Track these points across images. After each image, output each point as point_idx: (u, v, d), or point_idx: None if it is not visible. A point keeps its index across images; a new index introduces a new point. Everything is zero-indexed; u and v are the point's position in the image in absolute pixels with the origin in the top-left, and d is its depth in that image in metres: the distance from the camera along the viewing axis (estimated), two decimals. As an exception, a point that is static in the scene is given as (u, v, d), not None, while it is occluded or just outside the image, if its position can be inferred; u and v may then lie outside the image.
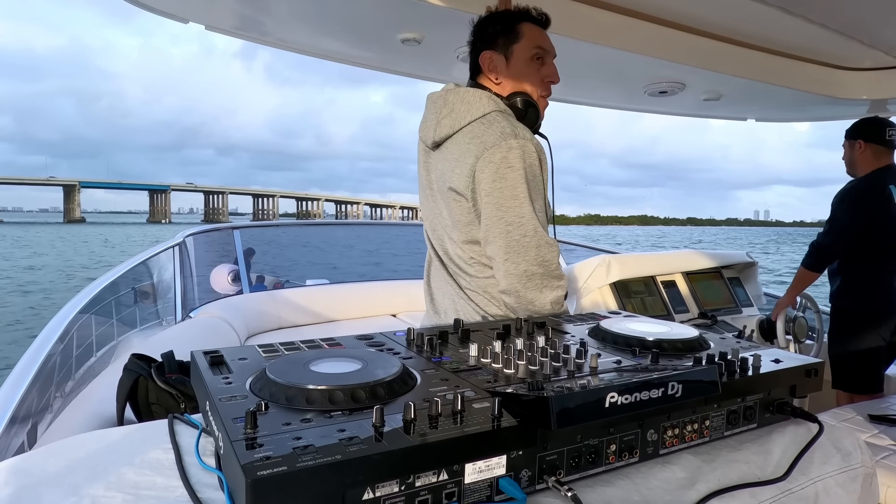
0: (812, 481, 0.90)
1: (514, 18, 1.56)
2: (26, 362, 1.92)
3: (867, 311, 2.82)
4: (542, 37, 1.56)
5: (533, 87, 1.55)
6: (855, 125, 2.97)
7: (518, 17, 1.56)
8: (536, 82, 1.55)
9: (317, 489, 0.57)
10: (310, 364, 0.84)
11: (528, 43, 1.53)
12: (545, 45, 1.55)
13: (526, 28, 1.54)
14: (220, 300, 3.47)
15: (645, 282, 2.97)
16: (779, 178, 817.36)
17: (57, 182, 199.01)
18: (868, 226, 2.78)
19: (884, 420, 2.22)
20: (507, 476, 0.70)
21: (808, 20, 2.45)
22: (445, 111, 1.50)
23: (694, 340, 1.04)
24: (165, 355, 1.64)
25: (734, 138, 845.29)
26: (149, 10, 2.41)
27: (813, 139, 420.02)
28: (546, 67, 1.56)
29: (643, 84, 3.18)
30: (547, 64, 1.57)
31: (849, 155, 2.96)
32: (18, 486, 0.72)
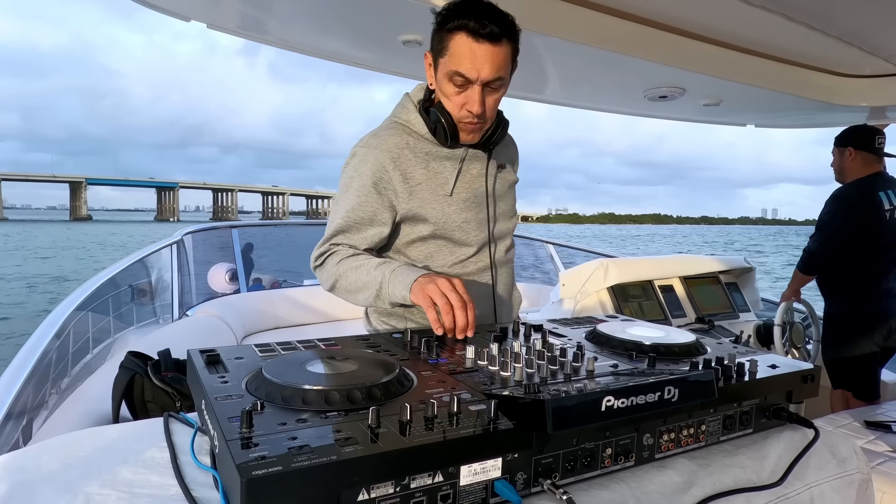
0: (807, 487, 0.90)
1: (445, 25, 1.29)
2: (22, 358, 1.91)
3: (859, 317, 2.83)
4: (471, 59, 1.26)
5: (452, 109, 1.36)
6: (844, 133, 2.98)
7: (451, 25, 1.28)
8: (454, 107, 1.35)
9: (312, 489, 0.57)
10: (306, 364, 0.84)
11: (449, 62, 1.29)
12: (467, 71, 1.27)
13: (455, 43, 1.27)
14: (217, 299, 3.47)
15: (642, 286, 2.97)
16: (786, 177, 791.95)
17: (63, 179, 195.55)
18: (858, 231, 2.79)
19: (880, 426, 2.22)
20: (502, 479, 0.70)
21: (808, 27, 2.46)
22: None
23: (691, 345, 1.04)
24: (162, 353, 1.64)
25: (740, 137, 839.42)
26: (151, 7, 2.41)
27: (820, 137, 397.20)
28: (463, 94, 1.32)
29: (643, 89, 3.18)
30: (468, 90, 1.31)
31: (838, 162, 2.97)
32: (13, 482, 0.72)
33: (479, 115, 1.33)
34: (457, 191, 1.43)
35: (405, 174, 1.39)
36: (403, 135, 1.42)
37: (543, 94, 3.51)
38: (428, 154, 1.42)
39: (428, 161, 1.42)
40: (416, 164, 1.40)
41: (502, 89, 1.35)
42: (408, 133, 1.43)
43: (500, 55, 1.28)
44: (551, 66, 2.94)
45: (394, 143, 1.40)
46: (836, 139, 2.99)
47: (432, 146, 1.43)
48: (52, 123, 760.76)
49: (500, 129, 1.44)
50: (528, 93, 3.55)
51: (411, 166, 1.40)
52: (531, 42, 2.50)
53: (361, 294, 1.37)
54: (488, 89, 1.32)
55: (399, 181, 1.38)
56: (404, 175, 1.39)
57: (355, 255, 1.40)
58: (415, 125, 1.43)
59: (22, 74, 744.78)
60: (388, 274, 1.30)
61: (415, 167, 1.40)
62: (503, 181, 1.55)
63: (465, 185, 1.45)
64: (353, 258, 1.39)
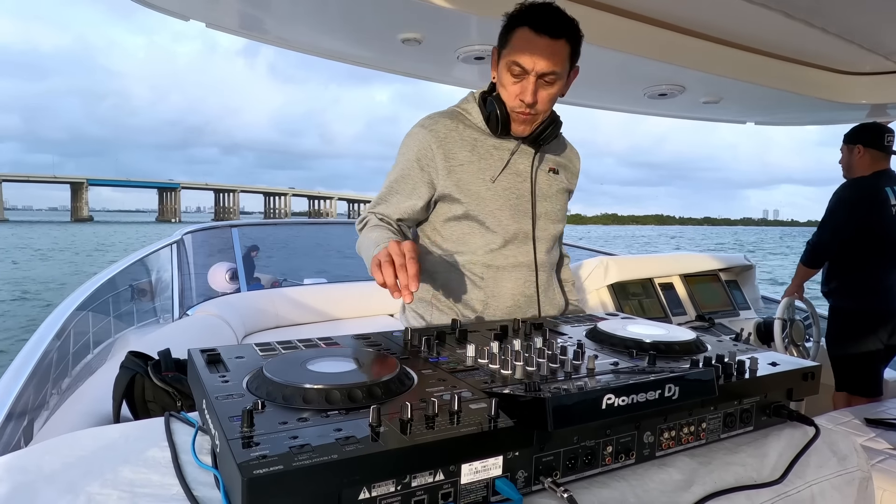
0: (808, 484, 0.90)
1: (512, 22, 1.41)
2: (23, 359, 1.91)
3: (865, 311, 2.83)
4: (529, 50, 1.36)
5: (507, 99, 1.44)
6: (854, 130, 2.97)
7: (515, 20, 1.40)
8: (508, 96, 1.43)
9: (313, 488, 0.57)
10: (307, 363, 0.84)
11: (510, 53, 1.39)
12: (524, 61, 1.37)
13: (517, 36, 1.38)
14: (217, 298, 3.46)
15: (643, 284, 2.98)
16: (787, 178, 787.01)
17: (64, 179, 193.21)
18: (865, 226, 2.79)
19: (880, 424, 2.22)
20: (503, 477, 0.70)
21: (808, 24, 2.45)
22: None
23: (691, 343, 1.04)
24: (162, 353, 1.64)
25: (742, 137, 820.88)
26: (150, 7, 2.41)
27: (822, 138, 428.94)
28: (518, 84, 1.40)
29: (643, 87, 3.18)
30: (522, 81, 1.40)
31: (846, 159, 2.97)
32: (14, 482, 0.72)
33: (531, 106, 1.40)
34: (499, 179, 1.49)
35: (448, 153, 1.46)
36: (456, 121, 1.51)
37: (543, 92, 3.50)
38: (476, 140, 1.50)
39: (475, 146, 1.49)
40: (463, 146, 1.48)
41: (557, 84, 1.42)
42: (461, 120, 1.51)
43: (558, 51, 1.37)
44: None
45: (444, 125, 1.49)
46: (845, 136, 2.99)
47: (481, 135, 1.51)
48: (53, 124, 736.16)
49: (551, 126, 1.48)
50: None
51: (457, 147, 1.47)
52: (531, 40, 2.49)
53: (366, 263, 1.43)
54: (543, 82, 1.39)
55: (441, 159, 1.45)
56: (447, 154, 1.46)
57: (377, 226, 1.47)
58: (471, 114, 1.52)
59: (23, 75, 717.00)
60: (373, 247, 1.34)
61: (460, 149, 1.47)
62: (553, 183, 1.59)
63: (509, 175, 1.51)
64: (372, 229, 1.45)
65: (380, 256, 1.19)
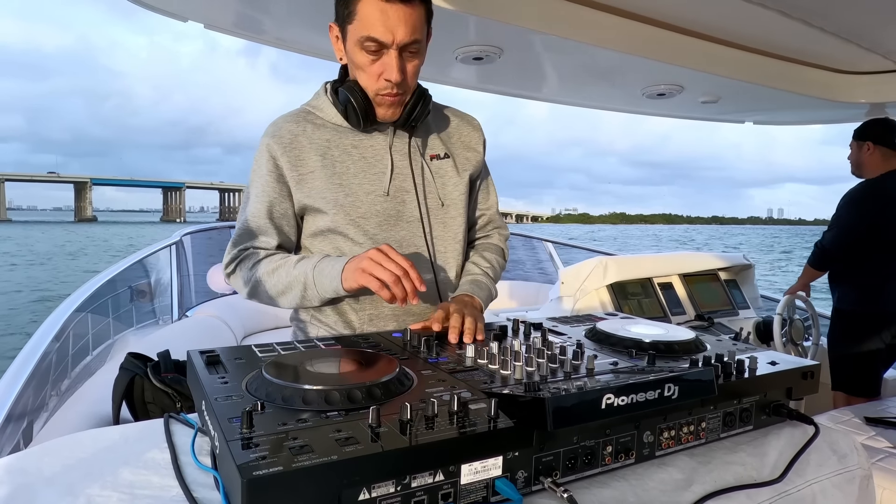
0: (808, 483, 0.90)
1: None
2: (22, 360, 1.91)
3: (870, 313, 2.82)
4: (383, 21, 1.16)
5: (367, 82, 1.24)
6: (864, 126, 2.94)
7: None
8: (369, 77, 1.23)
9: (313, 489, 0.57)
10: (306, 364, 0.84)
11: (358, 28, 1.18)
12: (380, 34, 1.16)
13: (364, 5, 1.16)
14: (216, 299, 3.46)
15: (642, 283, 2.97)
16: (791, 176, 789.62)
17: (67, 179, 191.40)
18: (874, 229, 2.78)
19: (880, 422, 2.22)
20: (503, 477, 0.70)
21: (806, 24, 2.46)
22: None
23: (690, 342, 1.04)
24: (161, 354, 1.64)
25: (745, 136, 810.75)
26: (148, 8, 2.41)
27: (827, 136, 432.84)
28: (379, 63, 1.21)
29: (641, 86, 3.18)
30: (383, 56, 1.20)
31: (856, 156, 2.94)
32: (14, 484, 0.72)
33: (400, 84, 1.22)
34: (364, 182, 1.31)
35: (295, 161, 1.30)
36: (303, 122, 1.33)
37: (541, 92, 3.51)
38: (328, 141, 1.31)
39: (328, 148, 1.31)
40: (312, 150, 1.30)
41: (420, 55, 1.25)
42: (310, 120, 1.33)
43: (415, 16, 1.18)
44: (549, 64, 2.94)
45: (287, 130, 1.31)
46: (855, 132, 2.97)
47: (337, 133, 1.32)
48: (56, 125, 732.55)
49: (420, 103, 1.30)
50: (526, 91, 3.55)
51: (305, 153, 1.30)
52: (529, 40, 2.50)
53: (285, 297, 1.29)
54: (406, 54, 1.22)
55: (289, 168, 1.30)
56: (293, 163, 1.30)
57: (269, 256, 1.32)
58: (322, 110, 1.34)
59: (26, 76, 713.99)
60: (311, 270, 1.24)
61: (309, 154, 1.30)
62: (441, 170, 1.40)
63: (377, 175, 1.33)
64: (268, 260, 1.31)
65: (374, 272, 1.12)
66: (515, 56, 2.69)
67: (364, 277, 1.14)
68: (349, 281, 1.19)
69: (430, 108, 1.34)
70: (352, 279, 1.18)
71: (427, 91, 1.33)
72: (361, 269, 1.14)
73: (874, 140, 2.86)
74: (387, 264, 1.12)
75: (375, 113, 1.29)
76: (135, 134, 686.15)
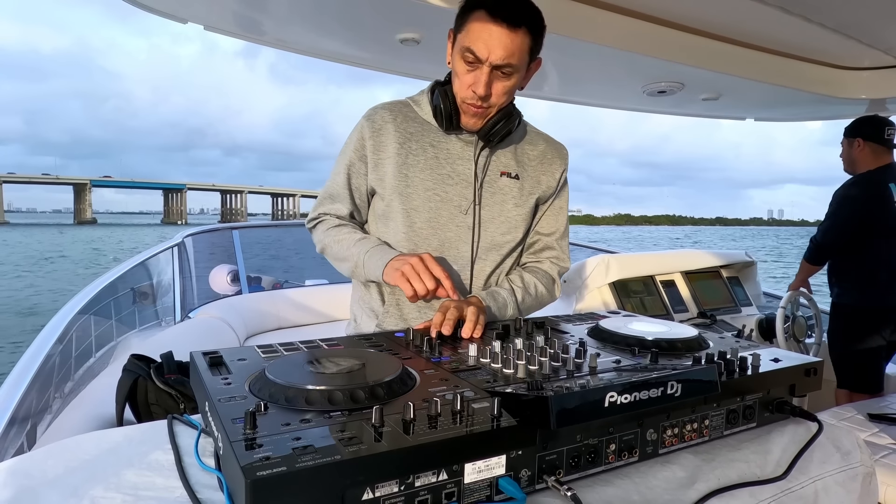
0: (812, 480, 0.90)
1: (469, 2, 1.27)
2: (25, 363, 1.91)
3: (867, 308, 2.82)
4: (484, 38, 1.23)
5: (458, 88, 1.32)
6: (854, 123, 2.97)
7: (473, 1, 1.26)
8: (461, 85, 1.31)
9: (316, 489, 0.57)
10: (309, 365, 0.84)
11: (464, 38, 1.26)
12: (478, 49, 1.23)
13: (473, 20, 1.24)
14: (219, 300, 3.47)
15: (644, 281, 2.97)
16: (791, 177, 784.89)
17: (67, 181, 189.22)
18: (868, 224, 2.79)
19: (883, 419, 2.22)
20: (506, 476, 0.70)
21: (806, 20, 2.45)
22: None
23: (693, 340, 1.04)
24: (164, 356, 1.64)
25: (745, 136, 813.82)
26: (148, 10, 2.41)
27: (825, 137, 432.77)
28: (472, 74, 1.28)
29: (642, 84, 3.18)
30: (475, 71, 1.27)
31: (847, 153, 2.96)
32: (18, 487, 0.72)
33: (483, 98, 1.29)
34: (429, 178, 1.38)
35: (377, 146, 1.39)
36: (399, 112, 1.42)
37: (542, 90, 3.50)
38: (412, 134, 1.39)
39: (408, 140, 1.39)
40: (394, 138, 1.38)
41: (514, 77, 1.30)
42: (405, 112, 1.42)
43: (516, 42, 1.24)
44: (549, 62, 2.93)
45: (381, 116, 1.40)
46: (845, 129, 2.99)
47: (424, 129, 1.41)
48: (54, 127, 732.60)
49: (504, 119, 1.35)
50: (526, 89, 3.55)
51: (388, 139, 1.39)
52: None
53: (343, 265, 1.44)
54: (498, 73, 1.28)
55: (371, 151, 1.40)
56: (376, 146, 1.39)
57: (340, 226, 1.46)
58: (420, 105, 1.44)
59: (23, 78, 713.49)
60: (364, 254, 1.37)
61: (391, 141, 1.38)
62: (505, 188, 1.44)
63: (442, 175, 1.39)
64: (337, 230, 1.44)
65: (407, 275, 1.23)
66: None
67: (401, 281, 1.25)
68: (389, 276, 1.30)
69: (514, 127, 1.38)
70: (391, 276, 1.29)
71: (517, 111, 1.40)
72: (401, 272, 1.25)
73: (864, 136, 2.88)
74: (423, 275, 1.22)
75: (460, 119, 1.36)
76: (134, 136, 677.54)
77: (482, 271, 1.44)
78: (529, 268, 1.55)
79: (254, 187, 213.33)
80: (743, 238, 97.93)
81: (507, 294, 1.43)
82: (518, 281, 1.48)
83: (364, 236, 1.43)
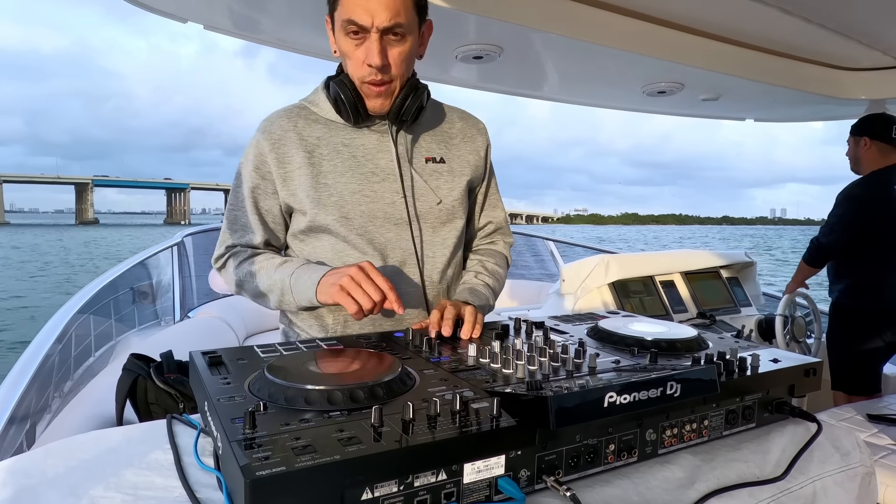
0: (811, 480, 0.90)
1: None
2: (24, 362, 1.91)
3: (868, 310, 2.82)
4: (361, 3, 1.14)
5: (354, 70, 1.22)
6: (861, 121, 2.94)
7: None
8: (355, 65, 1.21)
9: (315, 489, 0.57)
10: (308, 364, 0.84)
11: (342, 13, 1.17)
12: (359, 17, 1.14)
13: None
14: (218, 300, 3.47)
15: (643, 282, 2.97)
16: (793, 176, 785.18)
17: (68, 180, 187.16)
18: (871, 226, 2.78)
19: (882, 419, 2.22)
20: (505, 476, 0.70)
21: (806, 20, 2.46)
22: None
23: (692, 340, 1.04)
24: (164, 355, 1.64)
25: (747, 136, 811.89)
26: (148, 9, 2.41)
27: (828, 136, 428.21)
28: (363, 47, 1.18)
29: (641, 84, 3.18)
30: (364, 42, 1.18)
31: (853, 151, 2.94)
32: (17, 486, 0.72)
33: (382, 69, 1.19)
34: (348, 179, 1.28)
35: (282, 158, 1.27)
36: (296, 118, 1.30)
37: (542, 90, 3.51)
38: (319, 139, 1.29)
39: (316, 146, 1.28)
40: (299, 147, 1.27)
41: (408, 40, 1.20)
42: (303, 116, 1.31)
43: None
44: (549, 62, 2.94)
45: (279, 126, 1.29)
46: (852, 128, 2.96)
47: (330, 129, 1.30)
48: (55, 127, 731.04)
49: (412, 95, 1.25)
50: (526, 90, 3.55)
51: (291, 150, 1.27)
52: (529, 39, 2.49)
53: (267, 299, 1.30)
54: (389, 39, 1.18)
55: (275, 166, 1.28)
56: (280, 159, 1.27)
57: (254, 255, 1.32)
58: (317, 105, 1.32)
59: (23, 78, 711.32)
60: (289, 277, 1.23)
61: (296, 151, 1.27)
62: (433, 170, 1.35)
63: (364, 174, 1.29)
64: (250, 261, 1.31)
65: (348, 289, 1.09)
66: (515, 55, 2.69)
67: (341, 296, 1.11)
68: (324, 295, 1.17)
69: (424, 103, 1.29)
70: (327, 294, 1.15)
71: (423, 84, 1.29)
72: (340, 286, 1.11)
73: (871, 135, 2.86)
74: (366, 286, 1.09)
75: (366, 106, 1.25)
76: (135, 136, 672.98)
77: (434, 269, 1.36)
78: (484, 251, 1.51)
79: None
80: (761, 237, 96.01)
81: (483, 289, 1.39)
82: (485, 272, 1.43)
83: (285, 259, 1.30)
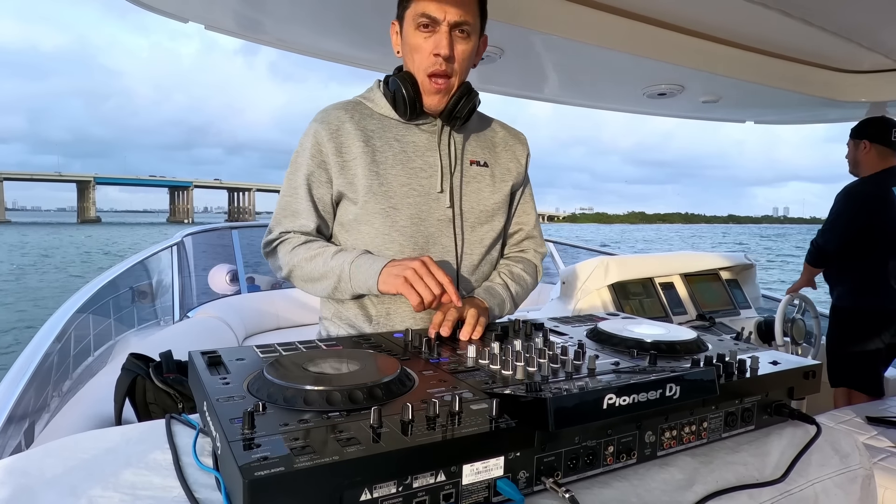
0: (810, 483, 0.90)
1: None
2: (23, 361, 1.91)
3: (867, 311, 2.82)
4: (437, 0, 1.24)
5: (420, 62, 1.29)
6: (860, 124, 2.95)
7: None
8: (422, 57, 1.29)
9: (314, 490, 0.57)
10: (308, 365, 0.84)
11: (414, 9, 1.26)
12: (433, 10, 1.24)
13: None
14: (218, 300, 3.47)
15: (643, 283, 2.97)
16: (795, 175, 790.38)
17: (70, 178, 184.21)
18: (869, 227, 2.78)
19: (882, 422, 2.22)
20: (504, 477, 0.70)
21: (807, 23, 2.46)
22: None
23: (692, 342, 1.04)
24: (163, 355, 1.64)
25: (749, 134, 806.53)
26: (149, 9, 2.41)
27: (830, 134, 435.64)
28: (432, 39, 1.27)
29: (642, 86, 3.18)
30: (435, 34, 1.26)
31: (853, 154, 2.95)
32: (15, 486, 0.72)
33: (449, 60, 1.27)
34: (398, 171, 1.33)
35: (340, 147, 1.32)
36: (352, 111, 1.36)
37: (542, 92, 3.51)
38: (374, 132, 1.35)
39: (372, 137, 1.34)
40: (356, 137, 1.32)
41: (472, 41, 1.30)
42: (359, 110, 1.37)
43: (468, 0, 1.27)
44: (550, 63, 2.94)
45: (336, 116, 1.34)
46: (851, 131, 2.98)
47: (385, 124, 1.36)
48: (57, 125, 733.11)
49: (466, 96, 1.33)
50: (527, 91, 3.55)
51: (349, 140, 1.32)
52: (530, 40, 2.50)
53: (319, 284, 1.33)
54: (457, 35, 1.27)
55: (332, 154, 1.32)
56: (338, 148, 1.32)
57: (308, 241, 1.35)
58: (374, 101, 1.39)
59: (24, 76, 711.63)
60: (348, 264, 1.27)
61: (353, 141, 1.32)
62: (476, 173, 1.42)
63: (413, 169, 1.35)
64: (306, 247, 1.33)
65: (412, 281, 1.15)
66: (516, 56, 2.69)
67: (405, 287, 1.17)
68: (386, 285, 1.21)
69: (475, 105, 1.36)
70: (390, 284, 1.20)
71: (473, 90, 1.36)
72: (404, 278, 1.17)
73: (871, 138, 2.87)
74: (428, 280, 1.16)
75: (423, 102, 1.32)
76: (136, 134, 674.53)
77: (470, 265, 1.41)
78: (514, 258, 1.54)
79: (262, 185, 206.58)
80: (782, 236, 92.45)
81: (501, 289, 1.42)
82: (508, 274, 1.47)
83: (341, 248, 1.34)
